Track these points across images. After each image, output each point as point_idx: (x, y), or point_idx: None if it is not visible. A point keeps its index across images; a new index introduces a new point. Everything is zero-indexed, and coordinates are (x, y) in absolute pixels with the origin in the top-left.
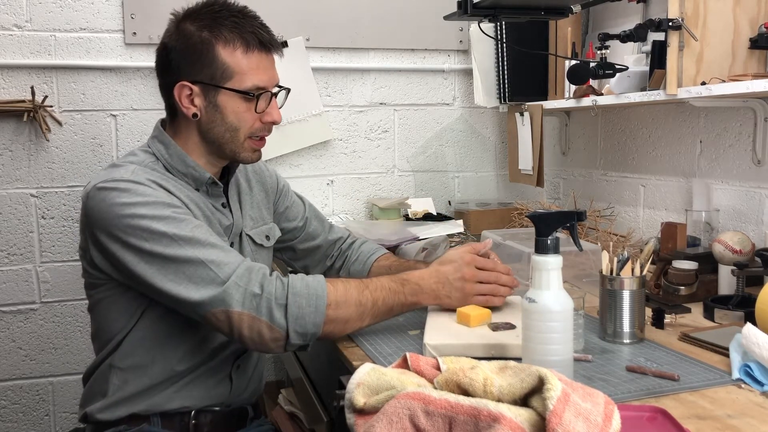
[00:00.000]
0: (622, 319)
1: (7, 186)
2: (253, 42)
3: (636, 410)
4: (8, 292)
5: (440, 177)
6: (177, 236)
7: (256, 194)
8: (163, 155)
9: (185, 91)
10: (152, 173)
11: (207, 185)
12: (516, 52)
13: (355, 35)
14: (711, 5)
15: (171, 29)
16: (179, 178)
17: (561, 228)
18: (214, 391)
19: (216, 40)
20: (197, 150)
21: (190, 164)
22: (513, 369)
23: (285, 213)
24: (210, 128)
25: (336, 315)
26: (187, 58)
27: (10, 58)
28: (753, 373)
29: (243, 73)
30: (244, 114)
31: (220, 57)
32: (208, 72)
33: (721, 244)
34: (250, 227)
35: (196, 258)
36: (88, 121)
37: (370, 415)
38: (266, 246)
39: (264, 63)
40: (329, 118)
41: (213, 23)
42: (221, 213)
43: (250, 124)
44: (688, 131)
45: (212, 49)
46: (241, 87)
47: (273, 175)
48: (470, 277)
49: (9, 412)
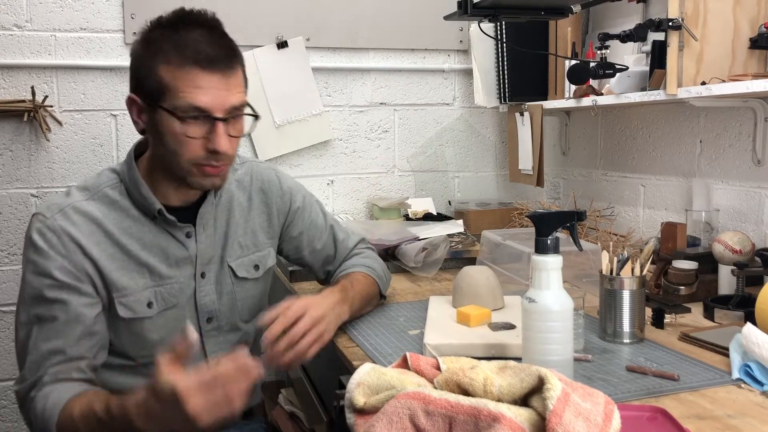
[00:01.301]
0: (622, 319)
1: (7, 186)
2: (191, 57)
3: (636, 410)
4: (8, 292)
5: (440, 177)
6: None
7: (255, 217)
8: (125, 178)
9: (134, 106)
10: (94, 205)
11: (160, 215)
12: (516, 52)
13: (355, 35)
14: (711, 5)
15: (137, 34)
16: (137, 205)
17: (561, 228)
18: None
19: (154, 54)
20: (163, 172)
21: (142, 192)
22: (513, 369)
23: (299, 238)
24: (156, 150)
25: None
26: (134, 72)
27: (10, 58)
28: (753, 373)
29: (178, 91)
30: (183, 138)
31: (157, 72)
32: (148, 87)
33: (721, 244)
34: (236, 256)
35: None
36: (88, 121)
37: (370, 415)
38: (251, 278)
39: (204, 82)
40: (329, 118)
41: (154, 34)
42: (179, 244)
43: (190, 149)
44: (688, 131)
45: (151, 63)
46: (174, 106)
47: (286, 194)
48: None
49: (9, 412)
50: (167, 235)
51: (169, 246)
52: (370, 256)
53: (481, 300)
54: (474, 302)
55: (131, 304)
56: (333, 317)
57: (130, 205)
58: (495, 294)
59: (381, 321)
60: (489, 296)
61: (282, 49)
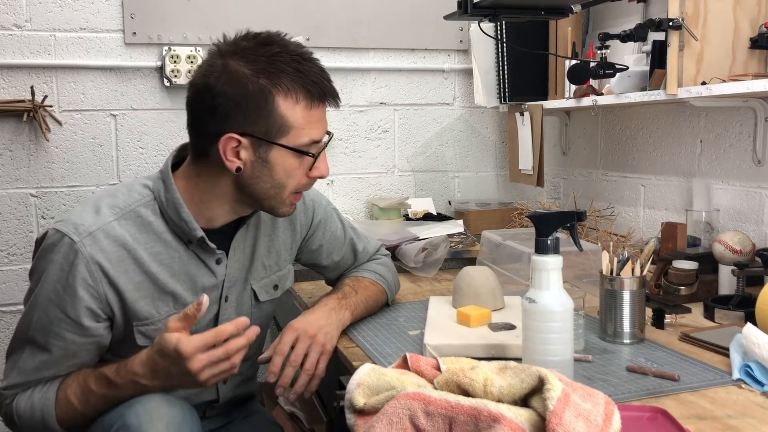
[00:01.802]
0: (622, 319)
1: (7, 186)
2: (317, 94)
3: (636, 410)
4: (8, 292)
5: (440, 177)
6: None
7: (279, 235)
8: (161, 197)
9: (231, 144)
10: (125, 227)
11: (197, 242)
12: (516, 52)
13: (355, 35)
14: (711, 5)
15: (217, 67)
16: (172, 227)
17: (561, 228)
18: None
19: (276, 90)
20: (224, 196)
21: (183, 217)
22: (513, 369)
23: (318, 250)
24: (253, 183)
25: (69, 425)
26: (240, 107)
27: (10, 58)
28: (753, 373)
29: (301, 128)
30: (295, 171)
31: (279, 110)
32: (263, 125)
33: (721, 244)
34: (259, 278)
35: (20, 358)
36: (88, 121)
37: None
38: (269, 299)
39: (322, 115)
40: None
41: (271, 68)
42: (209, 271)
43: (297, 180)
44: (688, 131)
45: (271, 100)
46: (297, 144)
47: (309, 208)
48: (197, 369)
49: None
50: (198, 261)
51: (198, 274)
52: (385, 263)
53: (481, 300)
54: (474, 302)
55: (150, 333)
56: (330, 326)
57: (164, 227)
58: (495, 294)
59: (381, 321)
60: (489, 296)
61: None
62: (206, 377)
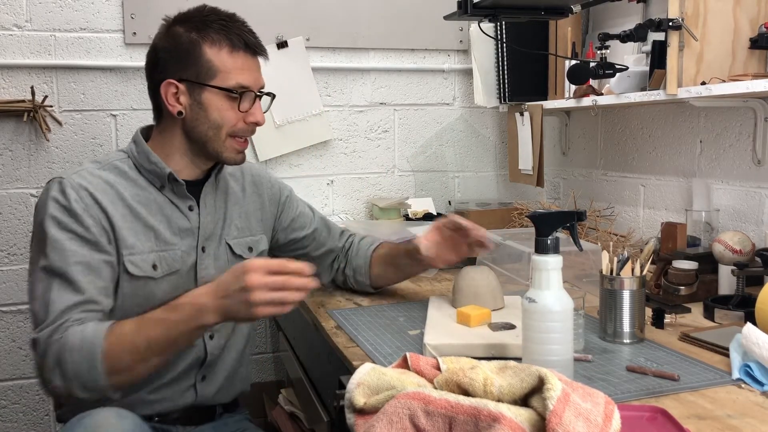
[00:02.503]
0: (622, 319)
1: (7, 186)
2: (239, 43)
3: (636, 410)
4: (8, 292)
5: (440, 177)
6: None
7: (249, 204)
8: (133, 153)
9: (171, 89)
10: (105, 175)
11: (170, 182)
12: (516, 52)
13: (355, 35)
14: (711, 5)
15: (161, 32)
16: (145, 175)
17: (561, 228)
18: (178, 401)
19: (203, 40)
20: (180, 149)
21: (152, 160)
22: (513, 369)
23: (291, 225)
24: (194, 126)
25: (114, 366)
26: (175, 57)
27: (10, 58)
28: (753, 373)
29: (227, 72)
30: (227, 112)
31: (206, 56)
32: (194, 70)
33: (721, 244)
34: (232, 236)
35: (44, 288)
36: (88, 121)
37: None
38: (246, 257)
39: (249, 64)
40: (329, 118)
41: (201, 25)
42: (183, 215)
43: (232, 122)
44: (688, 131)
45: (199, 48)
46: (225, 85)
47: (275, 186)
48: (253, 284)
49: (9, 412)
50: (172, 205)
51: (173, 215)
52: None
53: (481, 300)
54: (474, 302)
55: (138, 263)
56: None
57: (138, 175)
58: (495, 294)
59: (381, 321)
60: (489, 296)
61: (282, 49)
62: (258, 298)
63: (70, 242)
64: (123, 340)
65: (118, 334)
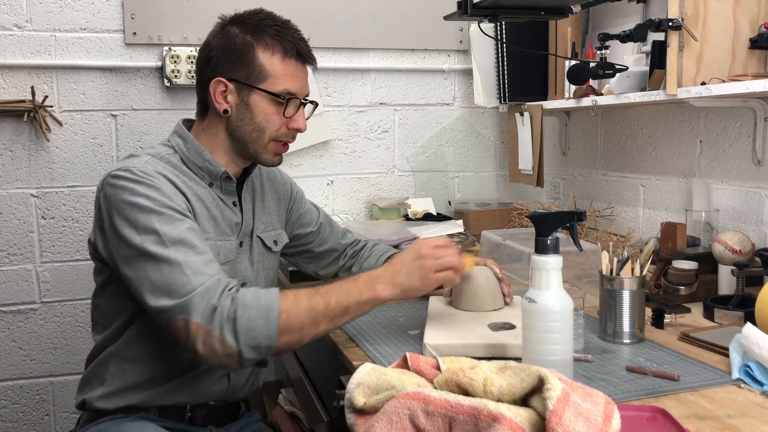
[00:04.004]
0: (622, 319)
1: (7, 186)
2: (291, 50)
3: (636, 410)
4: (8, 292)
5: (440, 177)
6: (166, 235)
7: (269, 200)
8: (181, 148)
9: (220, 87)
10: (164, 166)
11: (221, 180)
12: (516, 52)
13: (355, 35)
14: (711, 5)
15: (216, 30)
16: (195, 171)
17: (561, 228)
18: (212, 389)
19: (257, 43)
20: (222, 147)
21: (206, 158)
22: (513, 369)
23: (300, 220)
24: (238, 125)
25: (289, 324)
26: (227, 56)
27: (10, 58)
28: (753, 373)
29: (277, 77)
30: (272, 116)
31: (259, 59)
32: (245, 72)
33: (721, 244)
34: (261, 230)
35: (176, 260)
36: (88, 121)
37: (370, 415)
38: (274, 251)
39: (298, 71)
40: (329, 118)
41: (257, 29)
42: (231, 211)
43: (276, 127)
44: (688, 131)
45: (252, 51)
46: (273, 89)
47: (287, 183)
48: (427, 253)
49: (9, 412)
50: (220, 201)
51: (225, 210)
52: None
53: (481, 300)
54: (474, 302)
55: (210, 248)
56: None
57: (188, 170)
58: (495, 294)
59: (381, 321)
60: (489, 296)
61: None
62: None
63: (171, 213)
64: (300, 302)
65: (294, 296)
